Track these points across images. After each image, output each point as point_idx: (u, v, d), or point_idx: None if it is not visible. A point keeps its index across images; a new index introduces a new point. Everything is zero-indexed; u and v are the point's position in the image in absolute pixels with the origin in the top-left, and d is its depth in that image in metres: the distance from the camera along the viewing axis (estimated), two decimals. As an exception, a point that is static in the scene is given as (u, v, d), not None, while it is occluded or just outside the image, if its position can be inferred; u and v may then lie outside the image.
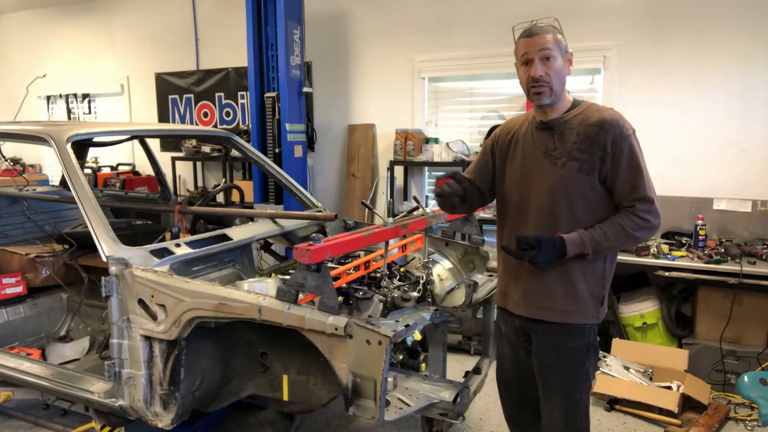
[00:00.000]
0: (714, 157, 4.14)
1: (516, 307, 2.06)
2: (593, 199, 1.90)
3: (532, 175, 1.98)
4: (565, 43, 1.91)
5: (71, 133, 2.64)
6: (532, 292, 2.00)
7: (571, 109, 1.95)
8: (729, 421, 3.30)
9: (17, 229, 3.81)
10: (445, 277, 2.74)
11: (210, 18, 6.03)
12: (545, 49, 1.85)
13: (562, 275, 1.93)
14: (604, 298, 1.98)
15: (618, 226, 1.85)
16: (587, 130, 1.88)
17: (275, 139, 4.78)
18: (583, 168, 1.87)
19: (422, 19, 5.00)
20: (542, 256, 1.85)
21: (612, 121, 1.86)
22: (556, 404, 2.02)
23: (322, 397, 2.33)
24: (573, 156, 1.88)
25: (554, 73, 1.86)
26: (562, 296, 1.94)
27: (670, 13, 4.16)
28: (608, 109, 1.93)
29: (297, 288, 2.00)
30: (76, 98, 7.01)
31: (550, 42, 1.85)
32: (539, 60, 1.86)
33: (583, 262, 1.92)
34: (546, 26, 1.89)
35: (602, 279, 1.97)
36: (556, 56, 1.86)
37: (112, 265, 2.28)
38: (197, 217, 3.32)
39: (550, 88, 1.88)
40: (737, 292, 3.56)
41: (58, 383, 2.54)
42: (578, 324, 1.96)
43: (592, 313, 1.96)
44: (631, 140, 1.86)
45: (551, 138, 1.94)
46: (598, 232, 1.86)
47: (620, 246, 1.93)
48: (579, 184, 1.88)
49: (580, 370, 1.99)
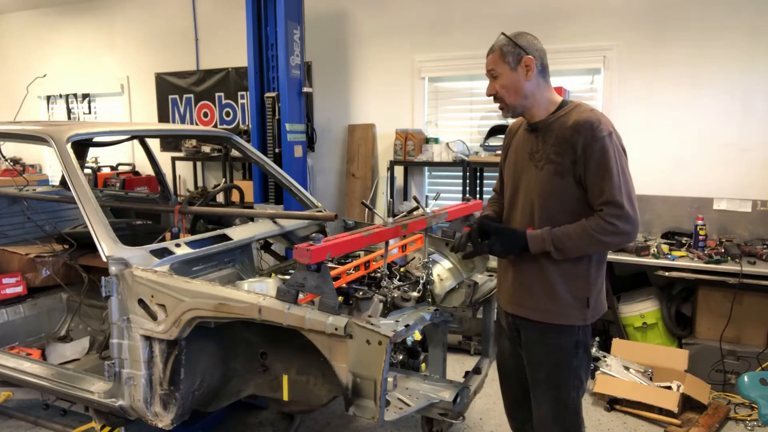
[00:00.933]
0: (714, 157, 4.14)
1: (505, 304, 2.13)
2: (569, 201, 1.90)
3: (520, 175, 2.04)
4: (516, 51, 1.91)
5: (71, 133, 2.65)
6: (515, 289, 2.06)
7: (557, 111, 1.96)
8: (729, 421, 3.30)
9: (17, 229, 3.82)
10: (445, 277, 2.74)
11: (210, 18, 6.04)
12: (490, 70, 1.97)
13: (539, 276, 1.97)
14: (590, 300, 1.97)
15: (582, 228, 1.85)
16: (563, 133, 1.89)
17: (275, 139, 4.78)
18: (558, 171, 1.89)
19: (422, 19, 5.01)
20: (498, 245, 1.95)
21: (585, 124, 1.84)
22: (544, 401, 2.05)
23: (322, 397, 2.33)
24: (550, 159, 1.91)
25: (503, 90, 1.95)
26: (541, 296, 1.98)
27: (670, 13, 4.17)
28: (587, 111, 1.90)
29: (297, 288, 2.00)
30: (76, 98, 7.01)
31: (491, 62, 1.96)
32: (490, 79, 1.99)
33: (561, 264, 1.93)
34: (494, 44, 1.96)
35: (586, 281, 1.96)
36: (501, 72, 1.94)
37: (112, 265, 2.28)
38: (197, 217, 3.32)
39: (505, 103, 1.98)
40: (737, 292, 3.55)
41: (58, 383, 2.53)
42: (560, 324, 1.97)
43: (576, 314, 1.96)
44: (605, 142, 1.82)
45: (536, 140, 1.98)
46: (561, 231, 1.87)
47: (588, 249, 1.90)
48: (554, 186, 1.90)
49: (568, 368, 2.00)
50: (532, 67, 1.91)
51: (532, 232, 1.92)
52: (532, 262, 1.97)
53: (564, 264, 1.93)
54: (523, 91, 1.94)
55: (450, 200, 4.74)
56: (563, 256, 1.89)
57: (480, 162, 4.62)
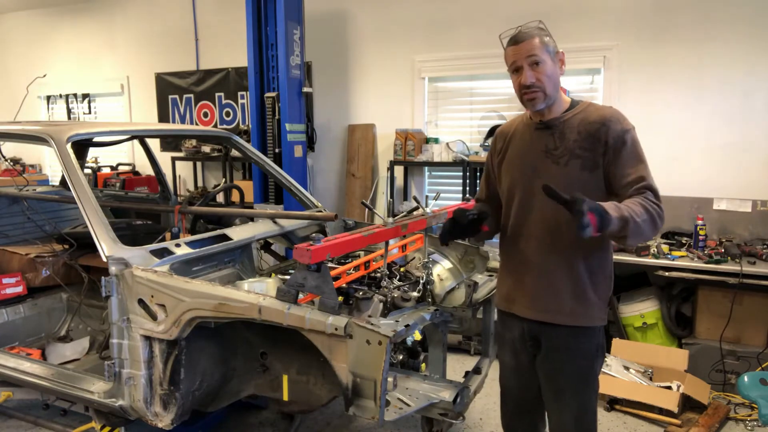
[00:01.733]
0: (714, 157, 4.14)
1: (524, 310, 2.00)
2: (597, 196, 1.84)
3: (533, 174, 1.95)
4: (553, 44, 1.90)
5: (71, 133, 2.65)
6: (538, 293, 1.96)
7: (570, 109, 1.95)
8: (729, 421, 3.30)
9: (17, 229, 3.81)
10: (445, 277, 2.74)
11: (210, 18, 6.04)
12: (532, 55, 1.83)
13: (568, 276, 1.90)
14: (610, 299, 1.98)
15: (646, 211, 1.68)
16: (588, 128, 1.87)
17: (275, 139, 4.78)
18: (587, 165, 1.86)
19: (422, 19, 5.01)
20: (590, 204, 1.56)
21: (613, 118, 1.87)
22: (569, 408, 1.98)
23: (322, 397, 2.33)
24: (575, 154, 1.88)
25: (545, 78, 1.85)
26: (569, 297, 1.91)
27: (670, 13, 4.16)
28: (608, 108, 1.94)
29: (297, 288, 2.00)
30: (76, 98, 7.01)
31: (536, 47, 1.83)
32: (528, 66, 1.85)
33: (590, 263, 1.90)
34: (531, 30, 1.86)
35: (609, 280, 1.96)
36: (544, 60, 1.84)
37: (112, 265, 2.28)
38: (197, 217, 3.32)
39: (543, 93, 1.86)
40: (737, 292, 3.55)
41: (58, 383, 2.53)
42: (586, 326, 1.94)
43: (599, 314, 1.95)
44: (633, 134, 1.87)
45: (551, 137, 1.93)
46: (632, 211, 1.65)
47: (647, 233, 1.72)
48: (582, 181, 1.86)
49: (591, 372, 1.98)
50: (564, 62, 1.93)
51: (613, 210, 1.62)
52: (561, 263, 1.90)
53: (592, 262, 1.90)
54: (558, 82, 1.91)
55: (450, 200, 4.74)
56: (628, 242, 1.71)
57: (480, 162, 4.61)
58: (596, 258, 1.92)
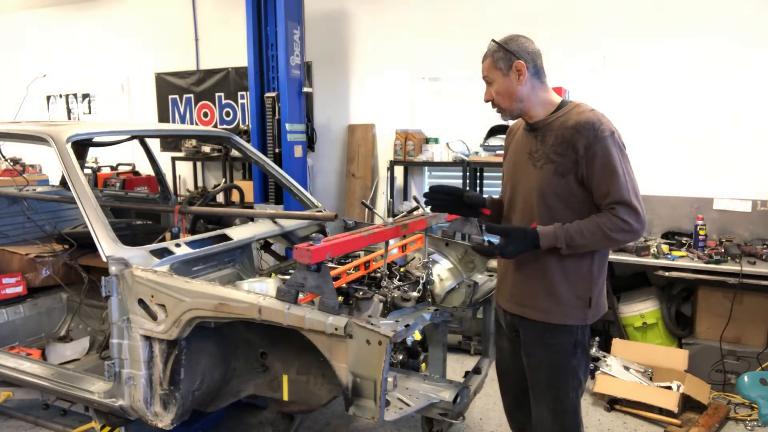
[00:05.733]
0: (714, 157, 4.13)
1: (505, 302, 2.13)
2: (571, 200, 1.91)
3: (518, 175, 2.05)
4: (506, 57, 1.93)
5: (71, 133, 2.65)
6: (516, 289, 2.06)
7: (557, 111, 1.97)
8: (729, 421, 3.30)
9: (17, 229, 3.81)
10: (445, 277, 2.74)
11: (210, 18, 6.04)
12: (485, 76, 2.01)
13: (541, 275, 1.96)
14: (592, 299, 1.97)
15: (595, 225, 1.84)
16: (564, 133, 1.89)
17: (275, 139, 4.78)
18: (558, 171, 1.89)
19: (422, 20, 5.00)
20: (511, 246, 1.89)
21: (587, 124, 1.85)
22: (543, 401, 2.05)
23: (322, 397, 2.33)
24: (550, 158, 1.91)
25: (498, 95, 1.98)
26: (542, 296, 1.97)
27: (670, 14, 4.16)
28: (588, 111, 1.90)
29: (297, 288, 2.00)
30: (76, 98, 7.01)
31: (486, 68, 1.99)
32: (486, 85, 2.02)
33: (564, 263, 1.93)
34: (487, 51, 1.99)
35: (588, 281, 1.97)
36: (494, 78, 1.97)
37: (112, 265, 2.28)
38: (197, 217, 3.32)
39: (500, 108, 2.01)
40: (737, 292, 3.55)
41: (58, 383, 2.53)
42: (561, 324, 1.97)
43: (577, 314, 1.96)
44: (607, 143, 1.83)
45: (535, 140, 1.99)
46: (574, 227, 1.86)
47: (597, 245, 1.89)
48: (555, 186, 1.91)
49: (566, 368, 2.00)
50: (523, 72, 1.93)
51: (543, 228, 1.88)
52: (534, 261, 1.96)
53: (566, 263, 1.93)
54: (517, 95, 1.95)
55: (450, 200, 4.73)
56: (570, 251, 1.88)
57: (480, 162, 4.62)
58: (571, 258, 1.93)
